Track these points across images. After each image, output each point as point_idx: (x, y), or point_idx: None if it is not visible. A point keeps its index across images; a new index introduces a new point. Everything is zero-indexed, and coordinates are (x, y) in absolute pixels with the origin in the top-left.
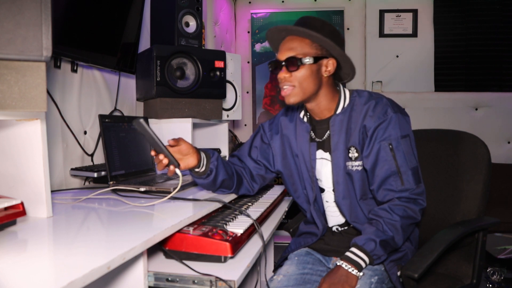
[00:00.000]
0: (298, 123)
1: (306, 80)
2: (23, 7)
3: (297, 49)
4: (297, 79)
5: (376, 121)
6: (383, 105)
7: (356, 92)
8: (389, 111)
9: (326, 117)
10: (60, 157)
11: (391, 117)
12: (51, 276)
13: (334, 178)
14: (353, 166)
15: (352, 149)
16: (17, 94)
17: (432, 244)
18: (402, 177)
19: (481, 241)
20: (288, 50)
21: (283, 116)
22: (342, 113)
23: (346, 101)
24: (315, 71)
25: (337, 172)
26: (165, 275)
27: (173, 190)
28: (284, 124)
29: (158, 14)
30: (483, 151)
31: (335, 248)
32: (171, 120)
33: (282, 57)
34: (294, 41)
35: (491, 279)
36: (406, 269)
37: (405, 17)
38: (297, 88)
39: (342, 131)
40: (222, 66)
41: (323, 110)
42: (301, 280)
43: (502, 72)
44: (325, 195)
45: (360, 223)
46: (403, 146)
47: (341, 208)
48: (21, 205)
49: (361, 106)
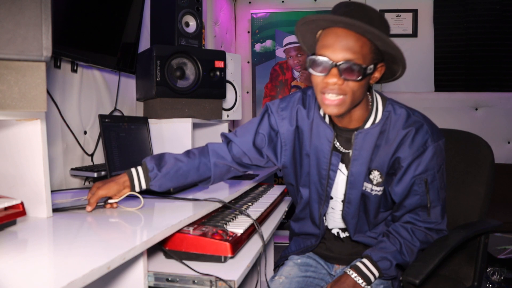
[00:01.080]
0: (318, 122)
1: (359, 90)
2: (23, 7)
3: (355, 50)
4: (351, 90)
5: (414, 154)
6: (424, 134)
7: (391, 106)
8: (429, 141)
9: (350, 127)
10: (60, 157)
11: (430, 149)
12: (51, 276)
13: (347, 194)
14: (372, 190)
15: (374, 172)
16: (17, 94)
17: (434, 249)
18: (430, 211)
19: (483, 243)
20: (344, 49)
21: (300, 106)
22: (372, 129)
23: (378, 116)
24: (366, 84)
25: (352, 191)
26: (165, 275)
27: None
28: (301, 116)
29: (158, 14)
30: (486, 152)
31: (337, 256)
32: (171, 120)
33: (336, 57)
34: (350, 37)
35: (491, 279)
36: (407, 275)
37: (405, 17)
38: (348, 99)
39: (366, 150)
40: (222, 66)
41: (353, 120)
42: (303, 283)
43: (502, 72)
44: (332, 202)
45: (364, 235)
46: (438, 181)
47: (348, 224)
48: (21, 205)
49: (395, 128)
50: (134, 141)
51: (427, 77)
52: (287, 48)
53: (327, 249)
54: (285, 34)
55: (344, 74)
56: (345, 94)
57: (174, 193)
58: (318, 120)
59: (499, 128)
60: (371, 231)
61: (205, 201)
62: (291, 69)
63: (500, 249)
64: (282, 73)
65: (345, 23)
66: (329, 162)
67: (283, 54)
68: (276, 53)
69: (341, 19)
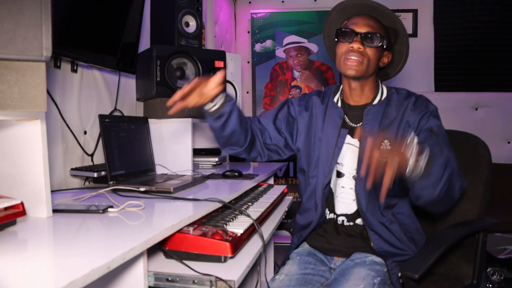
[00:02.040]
0: (330, 107)
1: (373, 59)
2: (23, 7)
3: (375, 28)
4: (368, 55)
5: (419, 113)
6: (423, 99)
7: (395, 89)
8: (430, 105)
9: (361, 104)
10: (60, 157)
11: (433, 110)
12: (51, 276)
13: (359, 166)
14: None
15: (385, 142)
16: (17, 94)
17: (433, 244)
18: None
19: (481, 241)
20: (367, 26)
21: (315, 96)
22: (379, 105)
23: (383, 95)
24: (379, 57)
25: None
26: (165, 275)
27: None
28: (316, 104)
29: (158, 14)
30: (484, 152)
31: (337, 248)
32: (171, 120)
33: (361, 29)
34: (371, 20)
35: (491, 279)
36: (406, 270)
37: (405, 17)
38: (364, 63)
39: (376, 122)
40: (222, 66)
41: (362, 95)
42: (302, 280)
43: (502, 72)
44: (343, 180)
45: (373, 217)
46: (443, 132)
47: (360, 200)
48: (21, 205)
49: (398, 102)
50: (134, 141)
51: (427, 77)
52: (287, 48)
53: (328, 242)
54: (285, 34)
55: (365, 41)
56: (363, 59)
57: (174, 192)
58: (331, 105)
59: (499, 128)
60: (382, 215)
61: (205, 201)
62: (291, 69)
63: (500, 249)
64: (282, 73)
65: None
66: (337, 138)
67: (283, 54)
68: (276, 53)
69: (374, 3)
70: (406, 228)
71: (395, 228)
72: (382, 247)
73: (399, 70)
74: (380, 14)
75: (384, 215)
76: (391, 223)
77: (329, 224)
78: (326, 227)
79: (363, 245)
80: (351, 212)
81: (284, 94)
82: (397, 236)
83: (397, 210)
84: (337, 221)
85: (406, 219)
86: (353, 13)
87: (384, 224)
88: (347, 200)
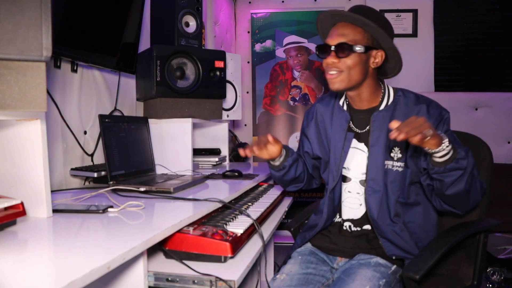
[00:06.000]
0: (337, 110)
1: (354, 68)
2: (23, 7)
3: (349, 36)
4: (346, 66)
5: (435, 122)
6: (435, 106)
7: (401, 92)
8: (443, 112)
9: (366, 108)
10: (60, 157)
11: (447, 118)
12: (51, 276)
13: (368, 173)
14: (394, 166)
15: (395, 149)
16: (17, 94)
17: (434, 245)
18: None
19: (482, 242)
20: (339, 36)
21: (318, 103)
22: (385, 110)
23: (390, 99)
24: (364, 61)
25: (373, 168)
26: (165, 275)
27: (173, 189)
28: (320, 110)
29: (158, 14)
30: (485, 152)
31: (340, 248)
32: (171, 120)
33: (332, 42)
34: (346, 27)
35: (491, 279)
36: (407, 271)
37: (405, 17)
38: (344, 74)
39: (384, 129)
40: (222, 66)
41: (363, 100)
42: (303, 279)
43: (502, 72)
44: (349, 185)
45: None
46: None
47: (370, 205)
48: (21, 205)
49: (406, 106)
50: (134, 141)
51: (427, 77)
52: (287, 48)
53: (331, 242)
54: (285, 34)
55: (338, 53)
56: (341, 71)
57: (174, 192)
58: (337, 108)
59: (499, 128)
60: (392, 222)
61: (205, 201)
62: (291, 69)
63: (500, 249)
64: (282, 73)
65: (340, 15)
66: (343, 141)
67: (283, 54)
68: (276, 53)
69: (339, 12)
70: (417, 237)
71: (406, 236)
72: (395, 253)
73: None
74: (350, 20)
75: (395, 222)
76: (401, 230)
77: (335, 226)
78: (331, 229)
79: (367, 246)
80: (358, 217)
81: (284, 94)
82: (409, 243)
83: (408, 218)
84: (343, 226)
85: (417, 229)
86: (329, 26)
87: (395, 231)
88: (353, 205)
